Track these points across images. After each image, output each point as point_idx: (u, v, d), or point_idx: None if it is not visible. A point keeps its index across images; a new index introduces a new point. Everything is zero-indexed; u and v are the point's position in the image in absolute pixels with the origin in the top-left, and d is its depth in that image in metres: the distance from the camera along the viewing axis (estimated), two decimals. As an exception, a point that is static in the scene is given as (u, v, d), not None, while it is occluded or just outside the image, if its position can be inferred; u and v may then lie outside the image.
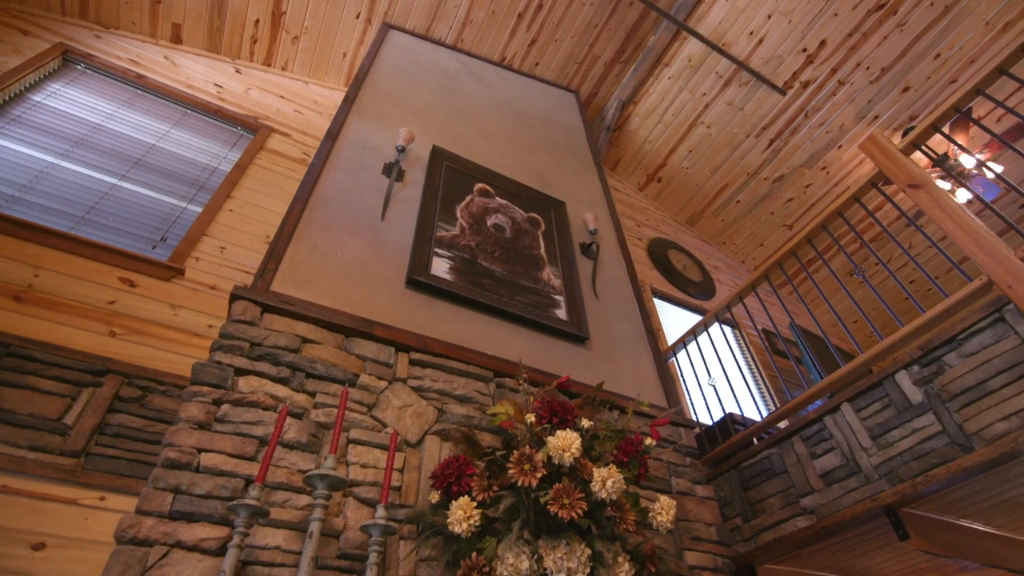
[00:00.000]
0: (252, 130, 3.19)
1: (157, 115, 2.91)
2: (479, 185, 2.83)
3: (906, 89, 4.62)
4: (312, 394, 1.52)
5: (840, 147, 5.08)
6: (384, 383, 1.67)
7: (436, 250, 2.27)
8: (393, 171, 2.51)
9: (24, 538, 1.48)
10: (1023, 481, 2.03)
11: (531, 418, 1.43)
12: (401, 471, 1.49)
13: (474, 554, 1.27)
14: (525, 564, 1.22)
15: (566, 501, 1.25)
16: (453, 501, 1.35)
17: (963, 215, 2.03)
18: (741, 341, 4.55)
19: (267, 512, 1.13)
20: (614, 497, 1.29)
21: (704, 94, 5.11)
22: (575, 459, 1.32)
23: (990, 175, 4.34)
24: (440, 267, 2.21)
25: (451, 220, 2.49)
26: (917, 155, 2.81)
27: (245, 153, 2.98)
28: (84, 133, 2.56)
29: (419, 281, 2.07)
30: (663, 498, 1.38)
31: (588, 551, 1.25)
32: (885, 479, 1.97)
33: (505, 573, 1.20)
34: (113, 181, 2.46)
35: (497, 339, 2.11)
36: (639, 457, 1.44)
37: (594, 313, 2.60)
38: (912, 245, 5.08)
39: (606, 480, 1.28)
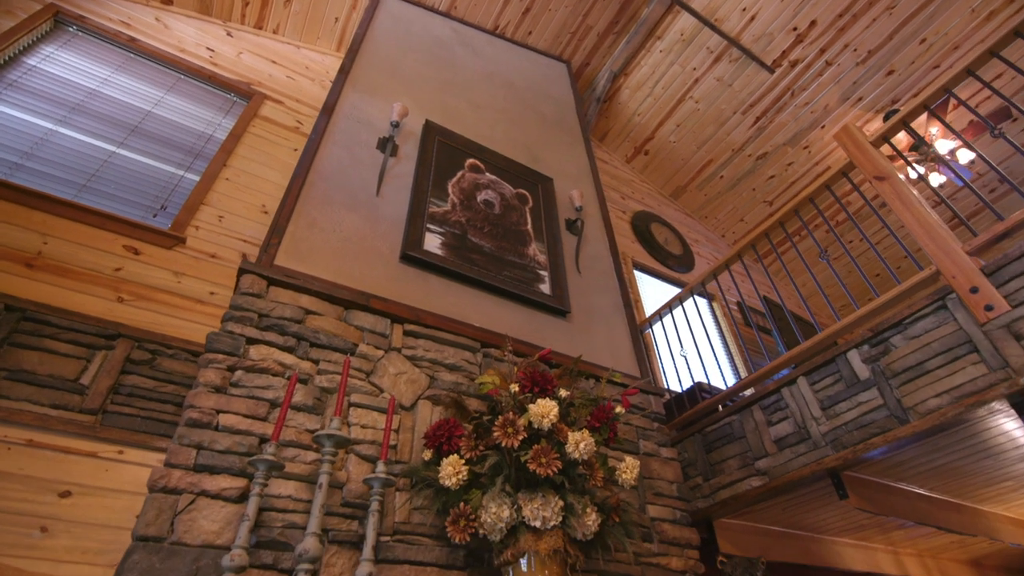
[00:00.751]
0: (245, 96, 3.21)
1: (151, 80, 2.92)
2: (470, 160, 2.92)
3: (890, 72, 4.71)
4: (316, 362, 1.67)
5: (823, 127, 5.19)
6: (381, 352, 1.82)
7: (428, 226, 2.39)
8: (388, 146, 2.59)
9: (51, 487, 1.63)
10: (952, 451, 2.28)
11: (515, 388, 1.59)
12: (397, 431, 1.66)
13: (462, 504, 1.45)
14: (506, 513, 1.40)
15: (543, 460, 1.43)
16: (443, 459, 1.53)
17: (920, 208, 2.20)
18: (716, 313, 4.77)
19: (282, 466, 1.29)
20: (585, 457, 1.47)
21: (694, 69, 5.15)
22: (552, 424, 1.49)
23: (965, 158, 4.51)
24: (432, 242, 2.33)
25: (443, 196, 2.59)
26: (897, 135, 2.95)
27: (239, 121, 3.02)
28: (80, 99, 2.58)
29: (412, 256, 2.20)
30: (628, 459, 1.57)
31: (561, 503, 1.44)
32: (830, 446, 2.19)
33: (488, 520, 1.39)
34: (112, 148, 2.51)
35: (485, 312, 2.26)
36: (609, 423, 1.62)
37: (576, 287, 2.75)
38: (880, 229, 5.28)
39: (579, 443, 1.46)
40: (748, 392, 2.80)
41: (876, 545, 3.46)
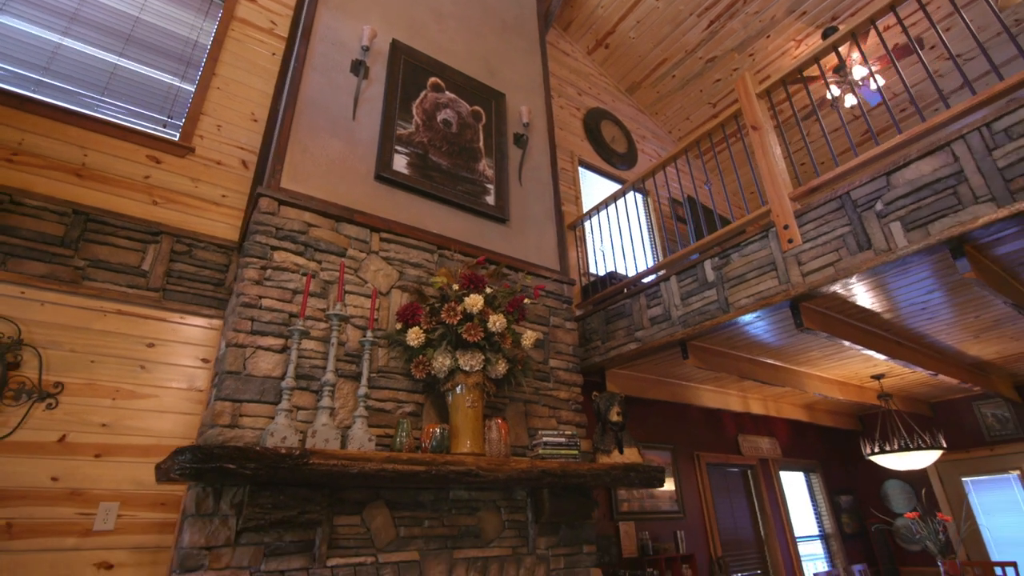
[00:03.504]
0: (219, -5, 3.41)
1: (131, -19, 3.10)
2: (432, 79, 3.36)
3: (834, -11, 5.01)
4: (319, 262, 2.39)
5: (768, 37, 5.55)
6: (364, 255, 2.54)
7: (396, 148, 2.95)
8: (360, 70, 3.02)
9: (140, 340, 2.39)
10: (757, 333, 3.28)
11: (456, 286, 2.38)
12: (378, 310, 2.46)
13: (420, 356, 2.32)
14: (448, 362, 2.28)
15: (472, 332, 2.27)
16: (409, 328, 2.35)
17: (771, 159, 2.91)
18: (643, 207, 5.55)
19: (308, 333, 2.09)
20: (500, 330, 2.33)
21: (657, -35, 5.26)
22: (480, 310, 2.32)
23: (874, 84, 5.07)
24: (399, 163, 2.93)
25: (408, 118, 3.11)
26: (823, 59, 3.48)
27: (219, 25, 3.29)
28: (75, 7, 2.83)
29: (384, 176, 2.81)
30: (528, 332, 2.45)
31: (482, 357, 2.32)
32: (681, 324, 3.14)
33: (437, 365, 2.27)
34: (114, 60, 2.85)
35: (441, 220, 2.96)
36: (519, 310, 2.46)
37: (516, 197, 3.44)
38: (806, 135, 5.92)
39: (495, 322, 2.30)
40: (647, 279, 3.68)
41: (730, 391, 4.72)
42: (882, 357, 3.34)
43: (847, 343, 3.08)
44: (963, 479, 5.47)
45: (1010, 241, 2.39)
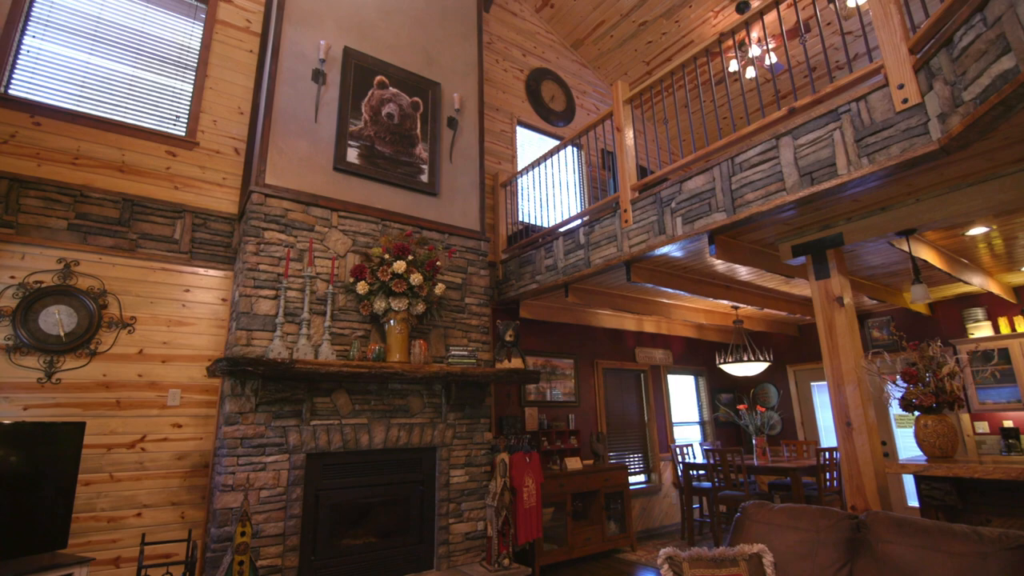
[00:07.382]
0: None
1: (133, -2, 3.89)
2: (378, 78, 4.28)
3: (741, -30, 5.68)
4: (296, 236, 3.54)
5: (691, 6, 6.25)
6: (326, 229, 3.69)
7: (349, 143, 3.97)
8: (319, 79, 3.95)
9: (180, 287, 3.59)
10: (613, 279, 4.52)
11: (386, 255, 3.58)
12: (338, 268, 3.66)
13: (366, 300, 3.56)
14: (384, 304, 3.53)
15: (399, 285, 3.51)
16: (359, 282, 3.57)
17: (625, 156, 3.98)
18: (576, 159, 6.55)
19: (291, 287, 3.30)
20: (417, 284, 3.56)
21: (592, -61, 5.82)
22: (404, 271, 3.53)
23: (768, 60, 5.91)
24: (352, 155, 3.97)
25: (358, 115, 4.08)
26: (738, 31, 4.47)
27: (205, 29, 4.12)
28: (94, 27, 3.67)
29: (340, 168, 3.87)
30: (440, 284, 3.68)
31: (407, 301, 3.57)
32: (562, 273, 4.38)
33: (376, 306, 3.53)
34: (130, 71, 3.76)
35: (385, 198, 4.06)
36: (434, 271, 3.67)
37: (447, 173, 4.50)
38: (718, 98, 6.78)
39: (415, 279, 3.53)
40: (562, 230, 4.84)
41: (625, 316, 6.08)
42: (707, 298, 4.63)
43: (669, 290, 4.35)
44: (811, 383, 7.06)
45: (765, 227, 3.57)
